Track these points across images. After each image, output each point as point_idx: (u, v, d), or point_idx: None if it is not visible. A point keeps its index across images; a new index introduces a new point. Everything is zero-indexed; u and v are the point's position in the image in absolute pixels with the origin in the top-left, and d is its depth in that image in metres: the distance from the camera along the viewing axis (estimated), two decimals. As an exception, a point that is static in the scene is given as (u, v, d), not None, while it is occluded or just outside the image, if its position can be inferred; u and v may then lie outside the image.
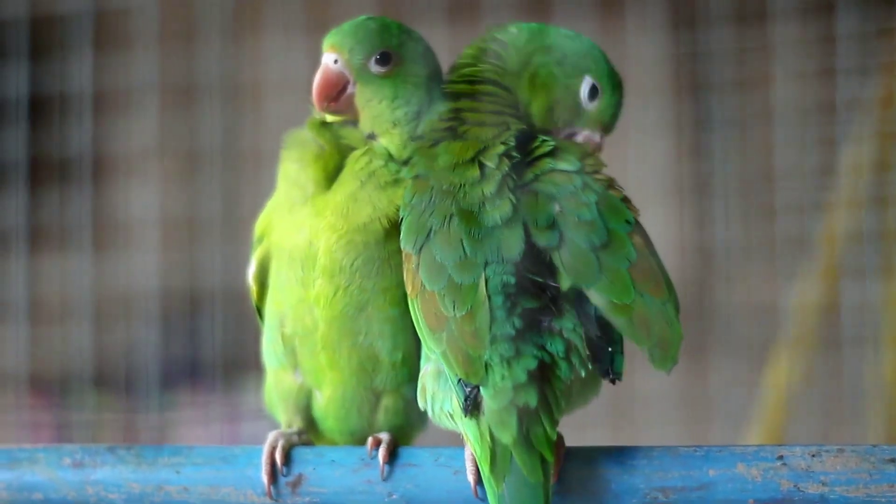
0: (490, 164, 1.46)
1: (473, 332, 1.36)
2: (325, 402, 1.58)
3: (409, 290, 1.44)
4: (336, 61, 1.58)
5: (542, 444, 1.35)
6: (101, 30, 3.54)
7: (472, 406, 1.36)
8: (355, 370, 1.54)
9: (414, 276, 1.43)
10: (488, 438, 1.36)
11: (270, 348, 1.60)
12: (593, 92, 1.55)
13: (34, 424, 3.62)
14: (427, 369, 1.46)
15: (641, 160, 3.34)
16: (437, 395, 1.43)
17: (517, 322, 1.37)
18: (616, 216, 1.42)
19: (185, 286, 3.74)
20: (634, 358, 1.50)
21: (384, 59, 1.57)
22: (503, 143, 1.49)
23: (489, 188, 1.44)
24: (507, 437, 1.35)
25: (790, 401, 2.81)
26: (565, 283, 1.39)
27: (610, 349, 1.37)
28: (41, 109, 3.66)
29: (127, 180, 3.82)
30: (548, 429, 1.36)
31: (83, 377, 3.49)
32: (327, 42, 1.58)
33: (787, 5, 3.18)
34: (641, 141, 3.27)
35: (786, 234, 3.19)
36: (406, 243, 1.45)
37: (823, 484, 1.40)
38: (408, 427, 1.57)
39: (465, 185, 1.45)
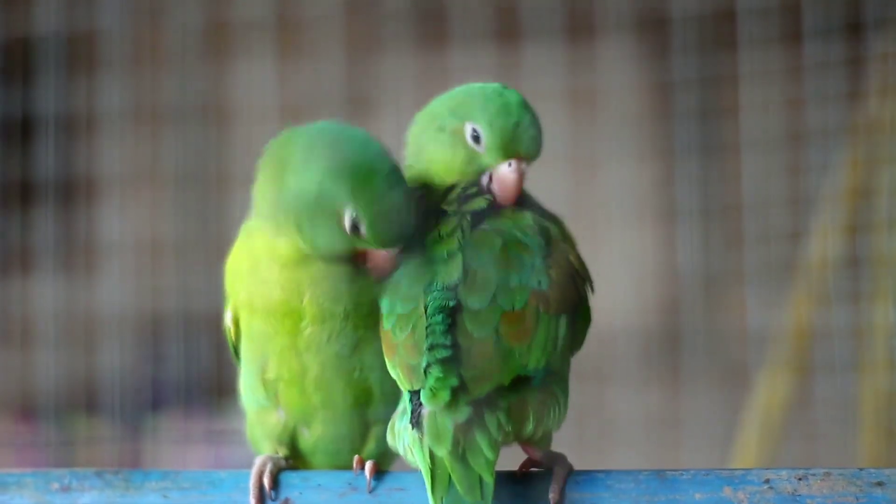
0: (449, 208, 1.52)
1: (413, 344, 1.43)
2: (313, 438, 1.58)
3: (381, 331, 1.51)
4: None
5: (479, 464, 1.37)
6: (70, 53, 3.53)
7: (417, 419, 1.40)
8: (350, 406, 1.55)
9: (380, 320, 1.50)
10: (429, 458, 1.38)
11: (250, 392, 1.59)
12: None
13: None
14: (397, 410, 1.49)
15: (612, 186, 3.37)
16: (401, 432, 1.46)
17: (452, 337, 1.42)
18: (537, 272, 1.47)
19: (151, 310, 3.72)
20: (605, 381, 1.51)
21: None
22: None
23: (446, 228, 1.50)
24: (441, 451, 1.37)
25: (771, 425, 2.84)
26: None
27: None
28: (8, 132, 3.63)
29: (94, 203, 3.80)
30: (485, 448, 1.38)
31: (48, 401, 3.46)
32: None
33: (756, 34, 3.22)
34: (612, 167, 3.30)
35: (757, 260, 3.23)
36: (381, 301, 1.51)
37: (810, 508, 1.41)
38: (393, 453, 1.57)
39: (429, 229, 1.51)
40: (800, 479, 1.41)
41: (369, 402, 1.54)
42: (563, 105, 3.31)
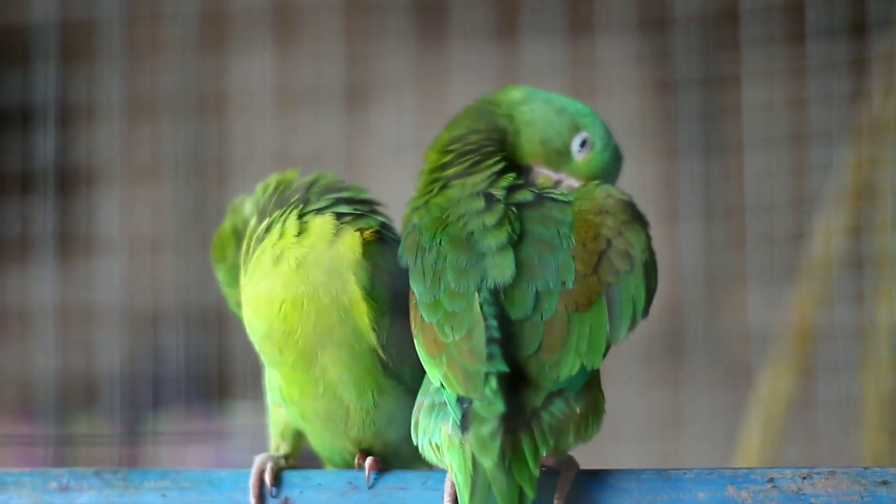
0: (497, 194, 1.52)
1: (470, 349, 1.40)
2: (311, 442, 1.61)
3: (412, 325, 1.48)
4: None
5: (523, 478, 1.36)
6: (66, 42, 3.51)
7: (468, 424, 1.38)
8: (325, 421, 1.54)
9: (415, 312, 1.47)
10: (471, 465, 1.37)
11: (267, 385, 1.61)
12: (584, 144, 1.61)
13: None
14: (422, 403, 1.47)
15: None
16: (428, 428, 1.45)
17: (507, 347, 1.40)
18: (561, 272, 1.46)
19: (150, 304, 3.70)
20: (608, 380, 1.51)
21: None
22: (507, 179, 1.56)
23: (491, 218, 1.49)
24: (488, 462, 1.36)
25: (774, 425, 2.84)
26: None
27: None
28: (6, 121, 3.62)
29: (93, 195, 3.78)
30: (530, 461, 1.37)
31: (47, 399, 3.45)
32: None
33: (759, 34, 3.22)
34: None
35: (760, 260, 3.22)
36: (413, 282, 1.49)
37: (814, 507, 1.40)
38: (396, 452, 1.57)
39: (465, 215, 1.50)
40: (804, 478, 1.41)
41: (349, 419, 1.54)
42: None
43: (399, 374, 1.52)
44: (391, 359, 1.51)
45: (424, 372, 1.48)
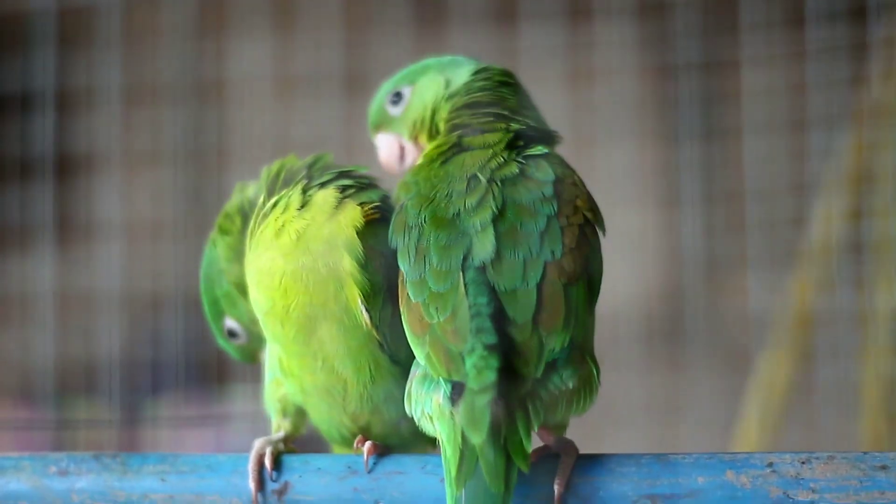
0: (482, 176, 1.49)
1: (454, 330, 1.39)
2: (311, 418, 1.60)
3: (400, 303, 1.47)
4: None
5: (516, 454, 1.35)
6: (65, 27, 3.50)
7: (458, 397, 1.37)
8: (323, 395, 1.54)
9: (402, 290, 1.46)
10: (459, 439, 1.36)
11: (270, 360, 1.60)
12: (398, 96, 1.63)
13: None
14: (415, 373, 1.47)
15: (612, 171, 3.36)
16: (420, 397, 1.44)
17: (497, 321, 1.39)
18: (549, 240, 1.45)
19: (150, 290, 3.70)
20: (606, 365, 1.51)
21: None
22: (497, 153, 1.53)
23: (472, 199, 1.47)
24: (477, 437, 1.35)
25: (772, 409, 2.84)
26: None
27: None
28: (5, 107, 3.61)
29: (92, 181, 3.78)
30: (524, 437, 1.36)
31: (46, 384, 3.45)
32: None
33: (758, 18, 3.21)
34: (612, 152, 3.29)
35: (759, 245, 3.22)
36: (400, 260, 1.48)
37: (813, 491, 1.40)
38: (398, 438, 1.57)
39: (451, 194, 1.49)
40: (803, 463, 1.41)
41: (346, 392, 1.54)
42: (562, 88, 3.30)
43: (395, 355, 1.52)
44: (385, 339, 1.51)
45: None
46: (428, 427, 1.43)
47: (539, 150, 1.52)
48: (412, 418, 1.46)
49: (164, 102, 3.74)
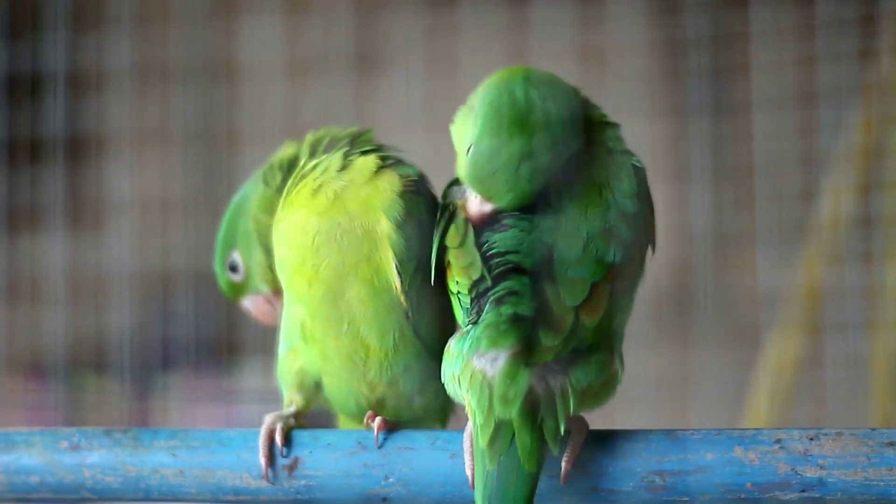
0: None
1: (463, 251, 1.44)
2: (326, 389, 1.59)
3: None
4: None
5: (549, 433, 1.34)
6: (76, 9, 3.50)
7: (479, 311, 1.39)
8: (345, 360, 1.55)
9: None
10: (495, 408, 1.34)
11: (287, 330, 1.60)
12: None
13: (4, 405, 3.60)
14: (456, 335, 1.45)
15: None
16: (452, 355, 1.42)
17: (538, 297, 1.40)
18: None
19: (161, 268, 3.72)
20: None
21: None
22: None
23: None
24: (511, 412, 1.33)
25: (782, 385, 2.84)
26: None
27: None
28: (16, 89, 3.62)
29: (103, 161, 3.79)
30: (560, 417, 1.34)
31: (58, 360, 3.47)
32: None
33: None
34: (622, 127, 3.28)
35: (768, 220, 3.22)
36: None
37: (821, 467, 1.39)
38: (409, 414, 1.57)
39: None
40: (811, 440, 1.40)
41: (367, 359, 1.54)
42: (572, 63, 3.29)
43: (418, 326, 1.53)
44: (411, 307, 1.51)
45: (441, 330, 1.49)
46: (455, 390, 1.42)
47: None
48: (425, 395, 1.46)
49: (175, 83, 3.75)
